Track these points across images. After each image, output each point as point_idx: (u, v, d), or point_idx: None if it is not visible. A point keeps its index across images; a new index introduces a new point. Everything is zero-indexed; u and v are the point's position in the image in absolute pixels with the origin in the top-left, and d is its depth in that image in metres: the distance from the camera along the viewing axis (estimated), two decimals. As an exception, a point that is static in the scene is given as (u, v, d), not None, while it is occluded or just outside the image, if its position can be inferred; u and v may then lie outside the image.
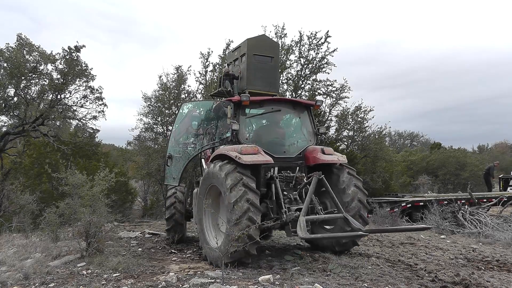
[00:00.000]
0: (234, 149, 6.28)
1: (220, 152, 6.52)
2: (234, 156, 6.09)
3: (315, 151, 7.05)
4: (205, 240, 6.54)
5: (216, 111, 7.52)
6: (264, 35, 16.87)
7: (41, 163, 16.47)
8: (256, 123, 7.64)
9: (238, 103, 6.84)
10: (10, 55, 15.21)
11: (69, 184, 7.88)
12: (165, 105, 20.80)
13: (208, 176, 6.48)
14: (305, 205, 5.96)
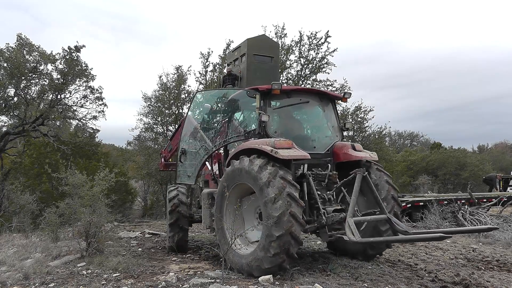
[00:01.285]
0: (266, 142, 5.60)
1: (248, 146, 5.80)
2: (270, 151, 5.40)
3: (345, 147, 6.41)
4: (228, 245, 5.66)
5: (238, 101, 6.88)
6: (264, 35, 16.88)
7: (41, 163, 16.49)
8: (282, 115, 6.72)
9: (266, 92, 6.13)
10: (10, 55, 15.21)
11: (69, 184, 7.88)
12: (165, 105, 20.82)
13: (234, 174, 5.73)
14: (351, 206, 5.39)
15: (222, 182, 5.96)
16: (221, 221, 5.88)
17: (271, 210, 5.07)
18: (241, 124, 6.86)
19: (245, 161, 5.56)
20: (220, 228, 5.92)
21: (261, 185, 5.23)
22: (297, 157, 5.56)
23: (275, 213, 5.02)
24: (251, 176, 5.41)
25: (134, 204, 23.59)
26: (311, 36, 19.43)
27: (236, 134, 6.66)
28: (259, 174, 5.27)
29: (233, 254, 5.63)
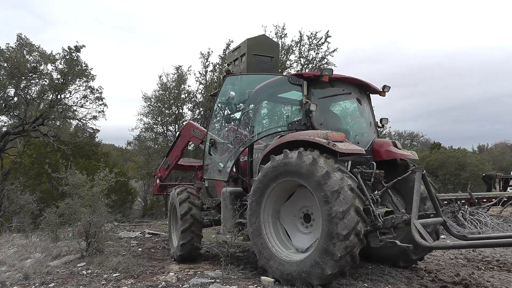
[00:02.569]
0: (317, 134, 5.02)
1: (296, 138, 5.14)
2: (326, 143, 4.80)
3: (386, 144, 5.89)
4: (270, 253, 5.08)
5: (276, 88, 6.22)
6: (264, 35, 16.89)
7: (41, 163, 16.50)
8: (325, 106, 6.05)
9: (313, 79, 5.52)
10: (10, 55, 15.22)
11: (69, 184, 7.88)
12: (165, 105, 20.82)
13: (277, 170, 5.04)
14: (415, 206, 4.85)
15: (259, 181, 5.22)
16: (259, 227, 5.20)
17: (334, 206, 4.46)
18: (281, 114, 6.22)
19: (293, 155, 4.89)
20: (258, 234, 5.20)
21: (319, 180, 4.60)
22: (354, 151, 5.03)
23: (339, 208, 4.43)
24: (302, 171, 4.74)
25: (134, 204, 23.58)
26: (311, 36, 19.46)
27: (276, 125, 6.03)
28: (314, 168, 4.64)
29: (278, 263, 4.94)
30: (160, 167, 9.51)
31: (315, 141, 4.93)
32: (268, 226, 5.24)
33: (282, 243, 5.24)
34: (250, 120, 6.34)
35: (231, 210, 6.00)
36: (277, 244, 5.20)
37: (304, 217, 5.25)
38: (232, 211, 5.98)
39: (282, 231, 5.33)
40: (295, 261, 4.83)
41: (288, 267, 4.84)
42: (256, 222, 5.24)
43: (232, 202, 6.02)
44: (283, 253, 5.05)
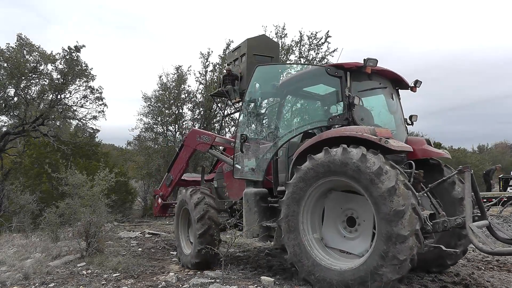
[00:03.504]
0: (364, 130, 4.62)
1: (342, 134, 4.67)
2: (378, 139, 4.42)
3: (420, 142, 5.51)
4: (314, 263, 4.60)
5: (313, 79, 5.76)
6: (264, 35, 16.97)
7: (41, 163, 16.47)
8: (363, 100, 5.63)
9: (355, 70, 5.14)
10: (10, 55, 15.22)
11: (69, 184, 7.89)
12: (165, 105, 20.83)
13: (319, 170, 4.58)
14: (468, 208, 4.46)
15: (297, 182, 4.73)
16: (297, 234, 4.72)
17: (392, 204, 4.04)
18: (318, 107, 5.79)
19: (338, 151, 4.43)
20: (297, 242, 4.71)
21: (371, 177, 4.15)
22: (405, 148, 4.70)
23: (398, 207, 3.99)
24: (350, 168, 4.29)
25: (134, 204, 23.56)
26: (311, 36, 19.48)
27: (315, 120, 5.61)
28: (365, 164, 4.20)
29: (324, 271, 4.47)
30: (162, 185, 8.64)
31: (365, 137, 4.47)
32: (308, 232, 4.75)
33: (325, 250, 4.72)
34: (283, 114, 5.88)
35: (256, 212, 5.51)
36: (321, 252, 4.68)
37: (347, 220, 4.75)
38: (257, 213, 5.50)
39: (319, 233, 4.88)
40: (348, 269, 4.30)
41: (339, 276, 4.32)
42: (294, 227, 4.73)
43: (257, 204, 5.52)
44: (328, 261, 4.55)
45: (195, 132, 7.95)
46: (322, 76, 5.34)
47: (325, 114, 5.58)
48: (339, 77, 5.14)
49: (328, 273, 4.41)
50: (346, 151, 4.36)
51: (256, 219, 5.49)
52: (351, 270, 4.25)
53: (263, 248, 8.20)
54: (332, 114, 5.24)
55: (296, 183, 4.75)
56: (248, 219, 5.58)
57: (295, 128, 5.61)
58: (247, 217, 5.60)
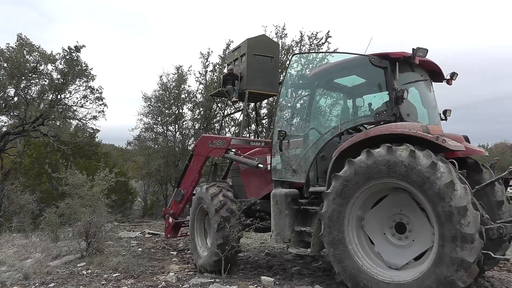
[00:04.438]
0: (416, 127, 4.24)
1: (392, 131, 4.22)
2: (435, 138, 4.01)
3: (459, 139, 4.97)
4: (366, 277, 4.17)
5: (349, 70, 5.30)
6: (264, 35, 16.95)
7: (41, 163, 16.48)
8: None
9: (403, 60, 4.73)
10: (10, 55, 15.22)
11: (69, 184, 7.89)
12: (165, 105, 20.84)
13: (369, 171, 4.10)
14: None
15: (342, 184, 4.26)
16: (342, 241, 4.29)
17: (453, 201, 3.66)
18: (362, 101, 5.31)
19: (382, 151, 4.03)
20: (342, 250, 4.28)
21: (426, 175, 3.77)
22: (460, 148, 4.35)
23: (459, 203, 3.64)
24: (401, 168, 3.89)
25: (134, 204, 23.57)
26: (311, 36, 19.46)
27: (361, 115, 5.12)
28: (416, 161, 3.82)
29: (377, 285, 4.04)
30: (171, 203, 7.82)
31: (420, 135, 4.07)
32: (354, 239, 4.33)
33: (373, 260, 4.28)
34: (320, 108, 5.44)
35: (288, 216, 5.06)
36: (370, 263, 4.22)
37: (395, 226, 4.30)
38: (288, 217, 5.07)
39: (368, 244, 4.38)
40: (407, 282, 3.85)
41: None
42: (338, 234, 4.29)
43: (288, 207, 5.07)
44: (378, 272, 4.11)
45: (205, 138, 7.35)
46: (361, 66, 4.93)
47: (370, 109, 5.05)
48: (383, 68, 4.71)
49: (379, 286, 4.00)
50: (391, 150, 3.98)
51: (287, 223, 5.05)
52: (414, 282, 3.80)
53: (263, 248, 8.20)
54: (377, 109, 4.75)
55: (344, 183, 4.28)
56: (277, 223, 5.11)
57: (341, 124, 5.14)
58: (276, 221, 5.13)
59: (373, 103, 5.11)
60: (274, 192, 5.27)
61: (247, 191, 6.34)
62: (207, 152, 7.13)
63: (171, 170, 20.58)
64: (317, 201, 4.91)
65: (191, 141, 21.62)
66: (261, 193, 5.95)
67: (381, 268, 4.17)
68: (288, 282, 5.12)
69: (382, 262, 4.25)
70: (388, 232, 4.32)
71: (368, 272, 4.10)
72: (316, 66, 5.75)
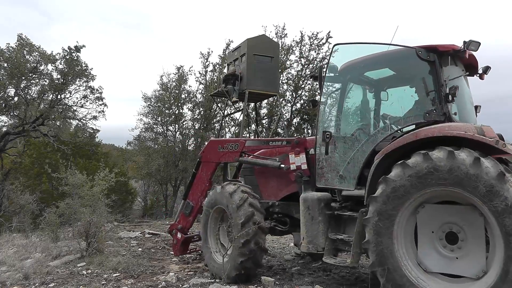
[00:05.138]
0: (470, 129, 3.89)
1: (446, 133, 3.85)
2: (494, 142, 3.66)
3: None
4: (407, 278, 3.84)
5: (403, 64, 4.78)
6: (264, 35, 16.97)
7: (41, 163, 16.51)
8: None
9: (451, 54, 4.37)
10: (10, 55, 15.23)
11: (69, 184, 7.90)
12: (165, 105, 20.86)
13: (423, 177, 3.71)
14: None
15: (392, 187, 3.88)
16: (392, 253, 3.89)
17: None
18: (409, 99, 4.80)
19: (440, 155, 3.64)
20: (390, 259, 3.90)
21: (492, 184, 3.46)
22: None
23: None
24: (462, 175, 3.54)
25: (134, 204, 23.60)
26: (312, 36, 19.47)
27: (410, 115, 4.60)
28: (480, 169, 3.47)
29: None
30: (178, 216, 7.07)
31: (478, 139, 3.71)
32: (403, 251, 3.93)
33: (423, 273, 3.90)
34: (368, 107, 4.96)
35: (321, 222, 4.70)
36: (421, 276, 3.85)
37: (446, 237, 3.93)
38: (322, 223, 4.71)
39: (415, 253, 3.99)
40: None
41: None
42: (386, 242, 3.91)
43: (322, 212, 4.70)
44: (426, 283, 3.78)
45: (214, 143, 6.77)
46: (403, 59, 4.57)
47: (416, 109, 4.55)
48: (431, 62, 4.32)
49: None
50: (453, 155, 3.60)
51: (320, 230, 4.68)
52: None
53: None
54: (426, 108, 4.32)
55: (394, 190, 3.86)
56: (309, 230, 4.74)
57: (390, 123, 4.70)
58: (308, 228, 4.75)
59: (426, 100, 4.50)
60: (305, 196, 4.87)
61: (263, 192, 5.83)
62: (218, 157, 6.52)
63: (171, 170, 20.60)
64: (349, 205, 4.70)
65: (191, 141, 21.65)
66: (279, 194, 5.60)
67: (432, 282, 3.80)
68: (288, 282, 5.12)
69: (437, 277, 3.86)
70: (438, 243, 3.91)
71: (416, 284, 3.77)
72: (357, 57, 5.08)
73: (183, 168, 20.27)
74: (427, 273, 3.89)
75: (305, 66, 19.94)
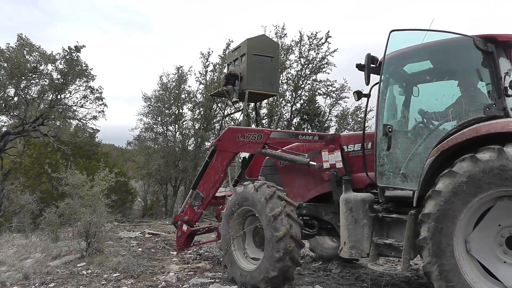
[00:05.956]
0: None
1: (510, 129, 3.49)
2: None
3: None
4: None
5: (460, 54, 4.36)
6: (264, 35, 16.99)
7: (41, 163, 16.51)
8: None
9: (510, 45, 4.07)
10: (10, 55, 15.24)
11: (69, 184, 7.89)
12: (165, 105, 20.87)
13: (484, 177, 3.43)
14: None
15: (457, 182, 3.55)
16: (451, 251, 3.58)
17: None
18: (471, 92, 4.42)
19: None
20: (450, 262, 3.61)
21: None
22: None
23: None
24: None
25: (134, 204, 23.60)
26: (311, 36, 19.50)
27: (471, 108, 4.18)
28: None
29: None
30: (185, 207, 6.61)
31: None
32: (463, 258, 3.62)
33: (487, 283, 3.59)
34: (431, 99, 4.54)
35: (366, 226, 4.36)
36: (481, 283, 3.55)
37: (506, 242, 3.62)
38: (367, 227, 4.38)
39: (474, 262, 3.68)
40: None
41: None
42: (446, 242, 3.62)
43: (366, 215, 4.37)
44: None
45: (233, 131, 6.27)
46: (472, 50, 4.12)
47: (475, 102, 4.20)
48: (489, 53, 3.99)
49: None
50: None
51: (365, 234, 4.35)
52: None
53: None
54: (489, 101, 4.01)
55: (455, 191, 3.56)
56: (352, 234, 4.38)
57: (452, 117, 4.26)
58: (351, 231, 4.40)
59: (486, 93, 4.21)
60: (347, 197, 4.51)
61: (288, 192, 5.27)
62: (237, 147, 6.06)
63: (171, 170, 20.61)
64: (391, 207, 4.41)
65: (191, 141, 21.66)
66: (307, 195, 5.25)
67: None
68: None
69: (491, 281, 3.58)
70: (498, 249, 3.61)
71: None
72: None
73: (183, 168, 20.29)
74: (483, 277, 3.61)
75: (304, 66, 19.96)
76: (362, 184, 4.72)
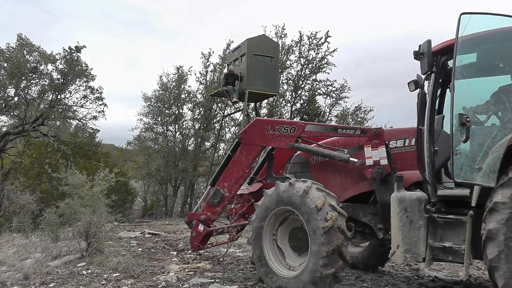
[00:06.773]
0: None
1: None
2: None
3: None
4: None
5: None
6: (264, 35, 16.99)
7: (41, 163, 16.50)
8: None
9: None
10: (10, 55, 15.24)
11: (69, 184, 7.89)
12: (165, 105, 20.86)
13: None
14: None
15: None
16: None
17: None
18: None
19: None
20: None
21: None
22: None
23: None
24: None
25: (134, 204, 23.59)
26: (311, 36, 19.50)
27: None
28: None
29: None
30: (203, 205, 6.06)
31: None
32: None
33: None
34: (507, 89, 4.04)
35: (422, 227, 4.05)
36: None
37: None
38: (423, 228, 4.05)
39: None
40: None
41: None
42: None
43: (422, 215, 4.05)
44: None
45: (261, 122, 5.81)
46: None
47: None
48: None
49: None
50: None
51: (421, 236, 4.03)
52: None
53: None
54: None
55: None
56: (407, 236, 4.05)
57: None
58: (405, 234, 4.06)
59: None
60: (401, 195, 4.14)
61: None
62: (266, 140, 5.49)
63: (171, 170, 20.61)
64: (442, 207, 4.09)
65: (191, 141, 21.67)
66: (344, 195, 4.86)
67: None
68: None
69: None
70: None
71: None
72: None
73: (183, 168, 20.30)
74: None
75: (304, 65, 19.97)
76: (406, 182, 4.39)
